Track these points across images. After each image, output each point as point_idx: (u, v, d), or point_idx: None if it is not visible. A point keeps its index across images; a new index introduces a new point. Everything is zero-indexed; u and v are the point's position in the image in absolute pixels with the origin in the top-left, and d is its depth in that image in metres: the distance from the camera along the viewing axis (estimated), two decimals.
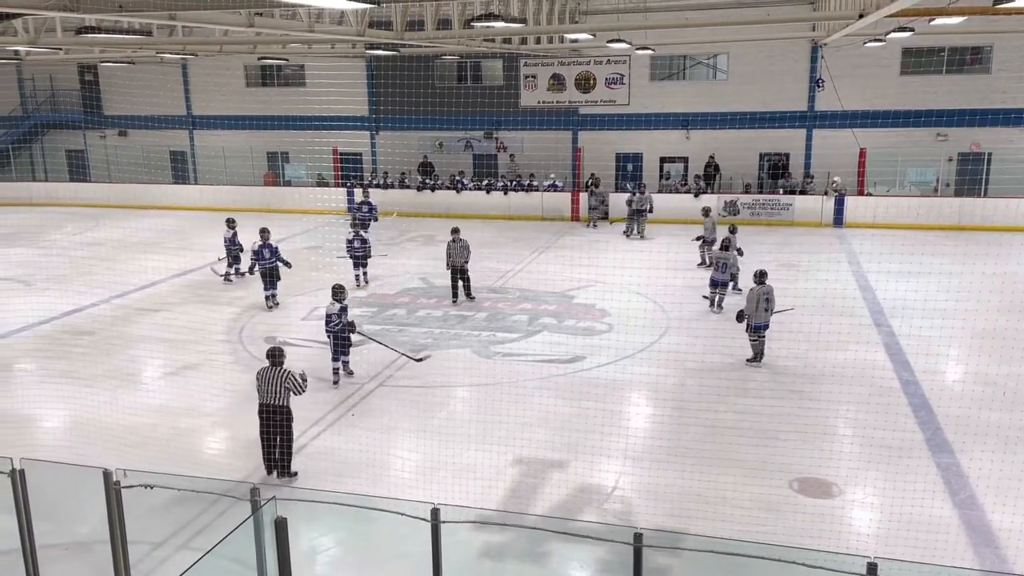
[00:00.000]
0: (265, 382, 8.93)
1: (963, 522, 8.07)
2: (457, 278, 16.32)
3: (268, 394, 8.90)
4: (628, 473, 9.17)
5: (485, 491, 8.54)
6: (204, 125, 31.70)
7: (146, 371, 13.11)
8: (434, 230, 24.13)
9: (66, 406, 11.09)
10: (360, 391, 11.70)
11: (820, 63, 25.08)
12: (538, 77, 27.78)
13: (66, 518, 7.70)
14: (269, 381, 8.90)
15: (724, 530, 7.50)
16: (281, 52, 23.17)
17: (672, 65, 27.49)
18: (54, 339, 14.46)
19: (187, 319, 15.10)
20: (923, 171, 25.31)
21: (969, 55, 24.82)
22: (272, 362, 9.00)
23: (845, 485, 8.79)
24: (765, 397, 11.26)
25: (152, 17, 11.94)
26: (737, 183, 26.22)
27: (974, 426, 9.85)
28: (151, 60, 25.71)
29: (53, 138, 33.22)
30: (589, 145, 27.93)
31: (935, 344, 12.37)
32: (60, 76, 32.44)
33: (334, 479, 8.85)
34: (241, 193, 28.87)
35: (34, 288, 17.87)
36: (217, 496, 7.06)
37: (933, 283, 15.09)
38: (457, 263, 16.22)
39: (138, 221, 25.70)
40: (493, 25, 14.90)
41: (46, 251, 21.89)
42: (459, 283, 16.36)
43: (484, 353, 13.43)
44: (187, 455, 9.77)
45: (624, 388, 11.78)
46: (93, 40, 16.07)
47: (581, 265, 18.21)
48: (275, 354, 9.04)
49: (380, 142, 30.15)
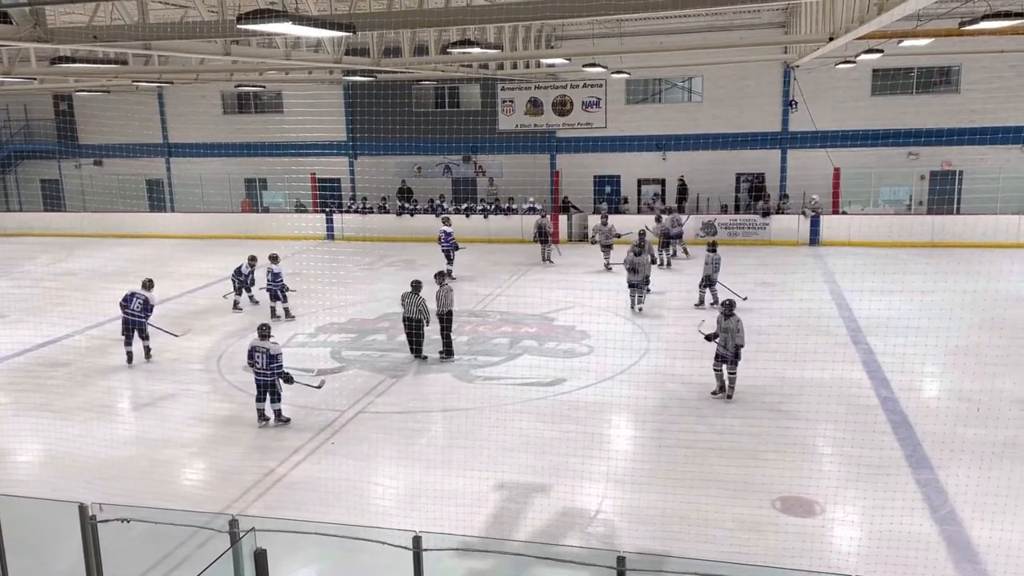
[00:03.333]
0: (408, 302, 13.90)
1: (943, 538, 8.11)
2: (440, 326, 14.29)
3: (409, 309, 13.93)
4: (611, 496, 9.15)
5: (468, 517, 8.48)
6: (181, 153, 31.59)
7: (122, 402, 12.94)
8: (413, 255, 24.11)
9: (41, 439, 10.91)
10: (340, 418, 11.61)
11: (792, 84, 25.46)
12: (516, 101, 27.97)
13: (42, 553, 7.54)
14: (411, 301, 13.87)
15: (708, 551, 7.47)
16: (258, 79, 23.20)
17: (648, 88, 27.80)
18: (28, 372, 14.25)
19: (163, 349, 14.95)
20: (896, 189, 25.70)
21: (938, 75, 25.30)
22: (413, 290, 13.92)
23: (827, 503, 8.82)
24: (746, 417, 11.30)
25: (127, 46, 11.94)
26: (715, 204, 26.45)
27: (952, 442, 9.93)
28: (127, 88, 25.63)
29: (27, 168, 32.96)
30: (567, 168, 28.10)
31: (912, 361, 12.49)
32: (34, 106, 32.25)
33: (315, 508, 8.77)
34: (218, 220, 28.75)
35: (7, 320, 17.64)
36: (195, 528, 6.95)
37: (909, 300, 15.30)
38: (442, 310, 14.23)
39: (113, 250, 25.52)
40: (470, 51, 15.01)
41: (19, 282, 21.63)
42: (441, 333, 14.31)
43: (465, 377, 13.39)
44: (165, 487, 9.63)
45: (605, 410, 11.78)
46: (68, 70, 16.04)
47: (561, 288, 18.28)
48: (417, 284, 14.00)
49: (358, 167, 30.17)
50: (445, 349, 14.17)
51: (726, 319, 11.82)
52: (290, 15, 8.13)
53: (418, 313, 14.00)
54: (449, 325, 14.25)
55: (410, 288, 14.16)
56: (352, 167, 30.24)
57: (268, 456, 10.40)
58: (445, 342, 14.20)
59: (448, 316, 14.19)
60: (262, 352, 11.14)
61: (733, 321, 11.78)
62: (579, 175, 27.93)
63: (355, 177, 30.23)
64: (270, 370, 11.13)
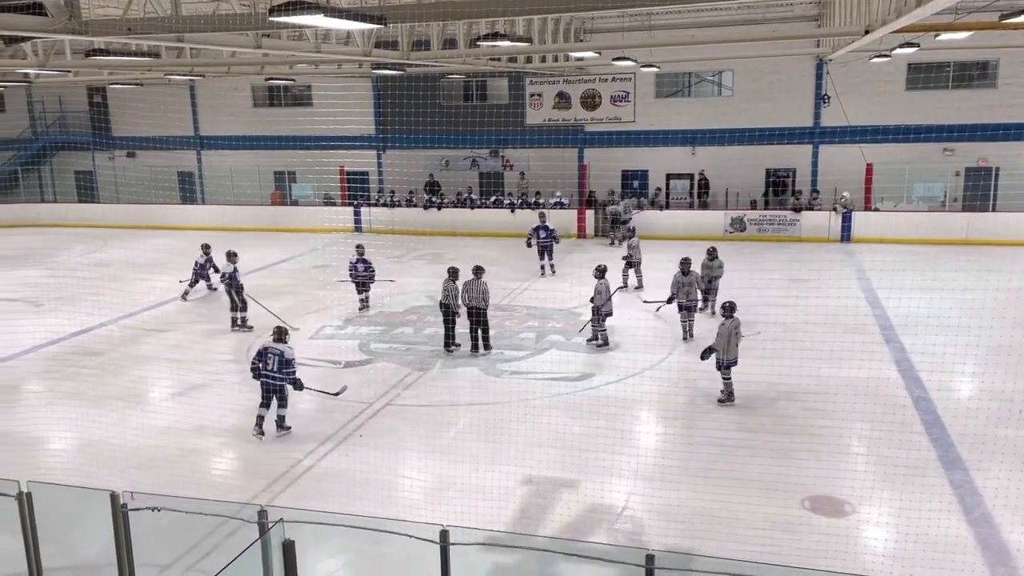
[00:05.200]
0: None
1: (978, 541, 7.96)
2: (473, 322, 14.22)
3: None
4: (638, 493, 9.08)
5: (494, 511, 8.46)
6: (212, 145, 31.90)
7: (153, 392, 13.08)
8: (441, 248, 24.14)
9: (73, 428, 11.06)
10: (367, 410, 11.65)
11: (825, 79, 25.13)
12: (544, 95, 27.87)
13: (73, 540, 7.64)
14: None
15: (737, 551, 7.38)
16: (288, 72, 23.32)
17: (677, 82, 27.57)
18: (62, 360, 14.46)
19: (195, 339, 15.10)
20: (930, 186, 25.26)
21: (975, 70, 24.81)
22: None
23: (858, 504, 8.69)
24: (777, 415, 11.17)
25: (160, 39, 12.04)
26: (744, 199, 26.20)
27: (988, 443, 9.73)
28: (159, 81, 25.91)
29: (62, 160, 33.45)
30: (595, 162, 27.96)
31: (947, 360, 12.25)
32: (69, 98, 32.71)
33: (341, 500, 8.80)
34: (249, 213, 29.00)
35: (42, 309, 17.91)
36: (224, 518, 7.00)
37: (943, 299, 14.99)
38: (473, 304, 14.18)
39: (146, 241, 25.82)
40: (499, 44, 14.96)
41: (54, 272, 21.95)
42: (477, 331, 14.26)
43: (492, 371, 13.38)
44: (194, 476, 9.72)
45: (633, 406, 11.70)
46: (102, 62, 16.22)
47: (588, 283, 18.14)
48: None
49: (387, 160, 30.26)
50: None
51: (729, 320, 11.60)
52: (322, 7, 8.12)
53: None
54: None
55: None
56: (380, 160, 30.34)
57: (295, 447, 10.46)
58: (485, 335, 14.26)
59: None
60: (275, 355, 10.70)
61: (732, 324, 11.56)
62: (607, 169, 27.78)
63: (383, 170, 30.34)
64: (282, 374, 10.71)
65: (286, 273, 21.54)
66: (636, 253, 18.44)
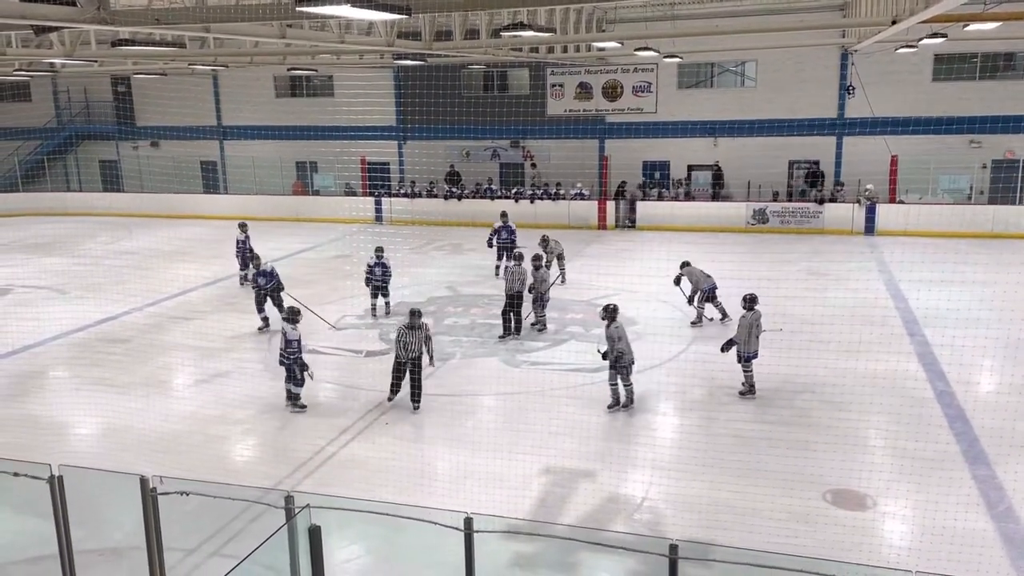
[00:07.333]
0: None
1: (1001, 535, 7.92)
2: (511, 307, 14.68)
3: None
4: (657, 483, 9.11)
5: (514, 500, 8.52)
6: (234, 135, 32.11)
7: (178, 379, 13.25)
8: (460, 239, 24.20)
9: (100, 413, 11.24)
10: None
11: (850, 70, 24.85)
12: (565, 86, 27.78)
13: (102, 524, 7.79)
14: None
15: (757, 542, 7.41)
16: (310, 63, 23.42)
17: (700, 73, 27.39)
18: (88, 347, 14.67)
19: (219, 327, 15.26)
20: (956, 178, 24.96)
21: (1002, 61, 24.46)
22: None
23: (879, 497, 8.67)
24: (797, 407, 11.14)
25: (186, 29, 12.14)
26: (767, 191, 26.01)
27: (1011, 437, 9.67)
28: (183, 72, 26.10)
29: (87, 149, 33.81)
30: (616, 153, 27.87)
31: (970, 354, 12.15)
32: (94, 88, 33.01)
33: (363, 486, 8.90)
34: (271, 202, 29.20)
35: (69, 297, 18.17)
36: (250, 503, 7.10)
37: (967, 292, 14.87)
38: (513, 289, 14.61)
39: (170, 230, 26.07)
40: (521, 35, 14.94)
41: (80, 260, 22.25)
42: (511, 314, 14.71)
43: (511, 362, 13.43)
44: (218, 462, 9.86)
45: (652, 398, 11.71)
46: (127, 52, 16.35)
47: (608, 274, 18.17)
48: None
49: (407, 151, 30.33)
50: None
51: (750, 312, 11.56)
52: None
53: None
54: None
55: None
56: (401, 151, 30.41)
57: (318, 434, 10.57)
58: (518, 321, 14.72)
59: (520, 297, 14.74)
60: (281, 335, 11.36)
61: (753, 316, 11.49)
62: (628, 160, 27.67)
63: (404, 161, 30.41)
64: (283, 354, 11.23)
65: (307, 263, 21.69)
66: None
